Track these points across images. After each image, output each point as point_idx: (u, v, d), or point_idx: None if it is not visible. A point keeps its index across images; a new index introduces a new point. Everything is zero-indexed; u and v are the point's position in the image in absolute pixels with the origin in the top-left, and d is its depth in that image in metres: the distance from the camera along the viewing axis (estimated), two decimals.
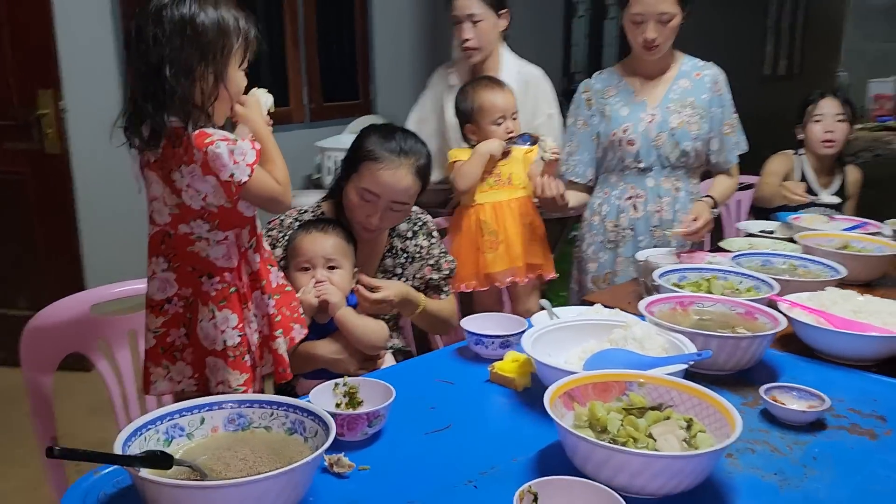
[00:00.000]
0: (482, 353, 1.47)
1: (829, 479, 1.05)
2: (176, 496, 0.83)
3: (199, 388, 1.57)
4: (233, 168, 1.39)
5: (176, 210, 1.47)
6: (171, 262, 1.51)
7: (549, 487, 0.92)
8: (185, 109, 1.40)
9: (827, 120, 2.66)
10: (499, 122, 2.31)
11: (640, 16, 2.09)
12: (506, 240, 2.42)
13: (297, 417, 1.04)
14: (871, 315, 1.50)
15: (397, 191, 1.69)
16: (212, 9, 1.39)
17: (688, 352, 1.27)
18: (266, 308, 1.58)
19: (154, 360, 1.55)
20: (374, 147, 1.69)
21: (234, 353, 1.52)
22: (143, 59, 1.39)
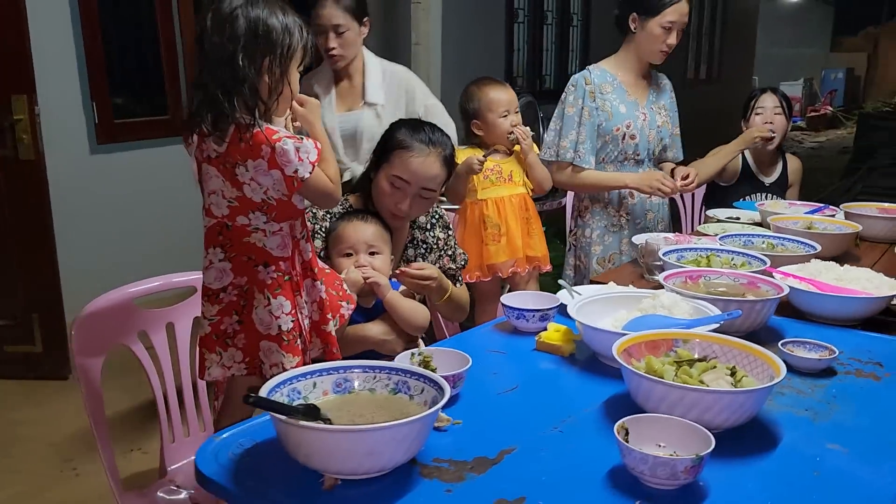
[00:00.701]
0: (521, 327, 1.61)
1: (851, 411, 1.24)
2: (332, 439, 0.94)
3: (249, 371, 1.66)
4: (297, 164, 1.50)
5: (235, 203, 1.56)
6: (227, 253, 1.59)
7: (638, 423, 1.07)
8: (253, 100, 1.49)
9: (766, 113, 2.96)
10: (504, 114, 2.50)
11: (672, 24, 2.33)
12: (507, 233, 2.60)
13: (401, 378, 1.15)
14: (853, 282, 1.72)
15: (427, 177, 1.81)
16: (280, 13, 1.52)
17: (711, 315, 1.45)
18: (317, 294, 1.67)
19: (209, 347, 1.62)
20: (404, 137, 1.82)
21: (288, 337, 1.61)
22: (217, 51, 1.48)
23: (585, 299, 1.55)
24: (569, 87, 2.49)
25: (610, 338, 1.32)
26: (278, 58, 1.49)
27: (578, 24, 7.84)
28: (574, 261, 2.57)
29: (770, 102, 2.98)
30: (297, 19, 1.52)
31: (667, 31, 2.34)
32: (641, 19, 2.37)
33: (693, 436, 1.04)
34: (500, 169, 2.59)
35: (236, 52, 1.46)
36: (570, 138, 2.45)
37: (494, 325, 1.66)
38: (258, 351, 1.63)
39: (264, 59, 1.49)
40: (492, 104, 2.53)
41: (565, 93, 2.50)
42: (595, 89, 2.45)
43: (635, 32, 2.41)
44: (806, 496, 1.00)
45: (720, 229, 2.41)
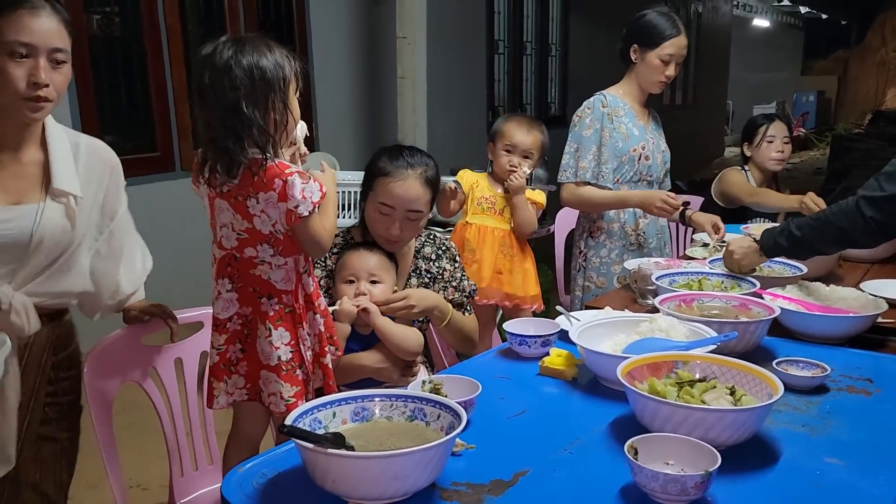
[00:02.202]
0: (524, 353, 1.65)
1: (846, 426, 1.30)
2: (361, 465, 0.98)
3: (250, 397, 1.70)
4: (299, 201, 1.56)
5: (244, 235, 1.61)
6: (234, 283, 1.64)
7: (646, 443, 1.12)
8: (263, 139, 1.57)
9: (777, 141, 3.07)
10: (507, 149, 2.57)
11: (671, 56, 2.44)
12: (479, 261, 2.65)
13: (417, 406, 1.19)
14: (839, 301, 1.80)
15: (409, 200, 1.85)
16: (268, 52, 1.60)
17: (708, 337, 1.51)
18: (318, 327, 1.72)
19: (217, 376, 1.66)
20: (384, 164, 1.88)
21: (287, 367, 1.66)
22: (220, 104, 1.55)
23: (585, 324, 1.60)
24: (583, 110, 2.55)
25: (612, 361, 1.37)
26: (278, 94, 1.58)
27: (557, 53, 8.01)
28: (583, 282, 2.61)
29: (781, 132, 3.12)
30: (283, 51, 1.61)
31: (665, 64, 2.45)
32: (642, 51, 2.47)
33: (699, 453, 1.09)
34: (494, 200, 2.66)
35: (239, 100, 1.54)
36: (588, 159, 2.51)
37: (498, 352, 1.71)
38: (259, 379, 1.68)
39: (267, 99, 1.57)
40: (503, 136, 2.60)
41: (579, 116, 2.56)
42: (611, 112, 2.53)
43: (636, 63, 2.51)
44: None
45: (707, 253, 2.48)
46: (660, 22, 2.46)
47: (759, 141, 3.11)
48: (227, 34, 1.62)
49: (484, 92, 6.89)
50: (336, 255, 1.90)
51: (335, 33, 5.31)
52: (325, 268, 1.89)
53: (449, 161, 4.19)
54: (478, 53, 6.76)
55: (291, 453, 1.15)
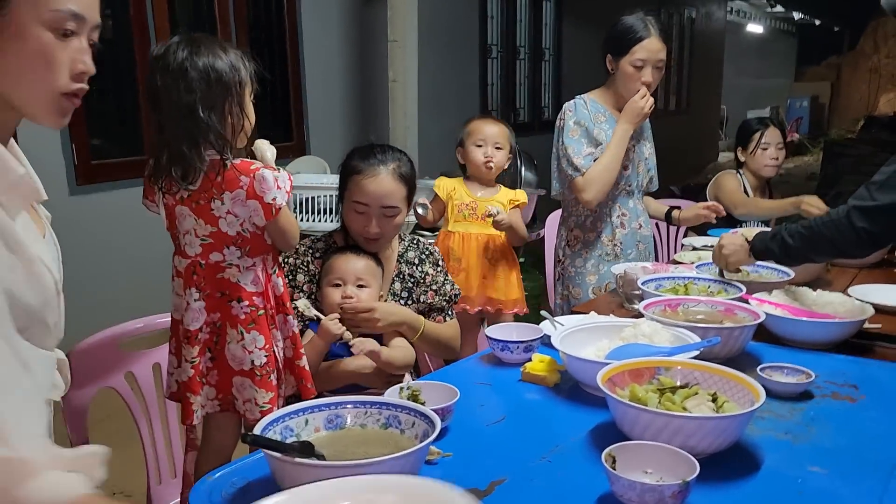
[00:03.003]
0: (506, 359, 1.63)
1: (829, 433, 1.27)
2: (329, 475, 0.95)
3: (222, 408, 1.67)
4: (276, 192, 1.55)
5: (209, 240, 1.59)
6: (201, 292, 1.62)
7: (625, 451, 1.09)
8: (220, 143, 1.55)
9: (771, 148, 3.07)
10: (479, 144, 2.56)
11: (643, 62, 2.32)
12: (466, 269, 2.63)
13: (391, 413, 1.17)
14: (825, 307, 1.78)
15: (382, 195, 1.83)
16: (222, 52, 1.58)
17: (691, 343, 1.49)
18: (290, 329, 1.70)
19: (193, 390, 1.63)
20: (356, 163, 1.86)
21: (262, 371, 1.64)
22: (175, 107, 1.53)
23: (568, 329, 1.58)
24: (565, 113, 2.45)
25: (593, 367, 1.35)
26: (234, 97, 1.56)
27: (550, 58, 8.01)
28: (563, 290, 2.57)
29: (775, 138, 3.11)
30: (237, 53, 1.59)
31: (638, 70, 2.34)
32: (615, 60, 2.39)
33: (678, 462, 1.07)
34: (475, 206, 2.64)
35: (195, 103, 1.51)
36: (584, 154, 2.38)
37: (479, 357, 1.68)
38: (231, 387, 1.65)
39: (223, 102, 1.54)
40: (471, 134, 2.61)
41: (562, 120, 2.45)
42: (593, 117, 2.43)
43: (613, 73, 2.43)
44: None
45: (696, 257, 2.47)
46: (629, 26, 2.34)
47: (753, 148, 3.10)
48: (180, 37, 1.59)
49: (477, 96, 6.88)
50: (319, 259, 1.87)
51: (326, 36, 5.30)
52: (307, 272, 1.86)
53: (440, 165, 4.18)
54: (470, 57, 6.76)
55: (262, 462, 1.13)
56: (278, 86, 5.21)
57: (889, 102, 14.10)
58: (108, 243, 3.84)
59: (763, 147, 3.09)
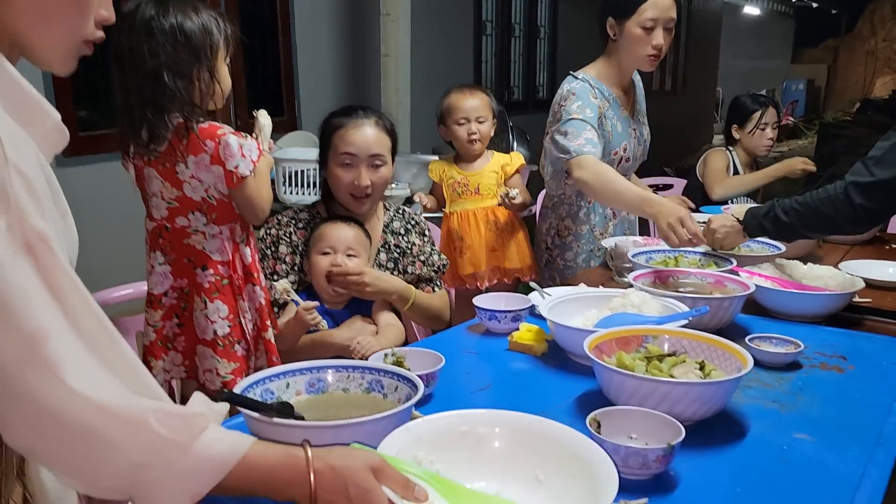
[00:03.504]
0: (494, 328, 1.61)
1: (817, 402, 1.26)
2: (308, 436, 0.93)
3: (188, 375, 1.66)
4: (239, 160, 1.52)
5: (175, 203, 1.57)
6: (167, 256, 1.59)
7: (610, 416, 1.08)
8: (187, 109, 1.50)
9: (769, 128, 3.06)
10: (461, 122, 2.51)
11: (654, 21, 2.05)
12: (471, 246, 2.61)
13: (374, 377, 1.15)
14: (815, 280, 1.76)
15: (369, 143, 1.81)
16: (194, 14, 1.51)
17: (680, 312, 1.47)
18: (259, 300, 1.67)
19: (154, 354, 1.62)
20: (338, 119, 1.84)
21: (224, 342, 1.62)
22: (140, 71, 1.48)
23: (557, 299, 1.56)
24: (566, 96, 2.16)
25: (581, 335, 1.33)
26: (204, 62, 1.50)
27: (546, 36, 7.94)
28: (549, 275, 2.43)
29: (773, 118, 3.11)
30: (211, 14, 1.53)
31: (648, 31, 2.06)
32: (619, 24, 2.12)
33: (664, 427, 1.05)
34: (466, 181, 2.61)
35: (160, 69, 1.45)
36: (585, 136, 2.09)
37: (467, 327, 1.67)
38: (195, 355, 1.63)
39: (191, 69, 1.48)
40: (451, 110, 2.55)
41: (561, 104, 2.17)
42: (601, 105, 2.17)
43: (616, 40, 2.15)
44: (774, 483, 1.01)
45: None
46: None
47: (753, 127, 3.09)
48: None
49: (471, 73, 6.81)
50: (302, 230, 1.85)
51: (318, 9, 5.23)
52: (290, 243, 1.84)
53: (432, 141, 4.14)
54: (464, 34, 6.68)
55: (241, 427, 1.11)
56: (269, 60, 5.14)
57: (885, 85, 14.07)
58: (96, 216, 3.80)
59: (762, 127, 3.09)
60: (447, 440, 0.96)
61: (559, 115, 2.18)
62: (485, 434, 0.98)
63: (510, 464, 0.96)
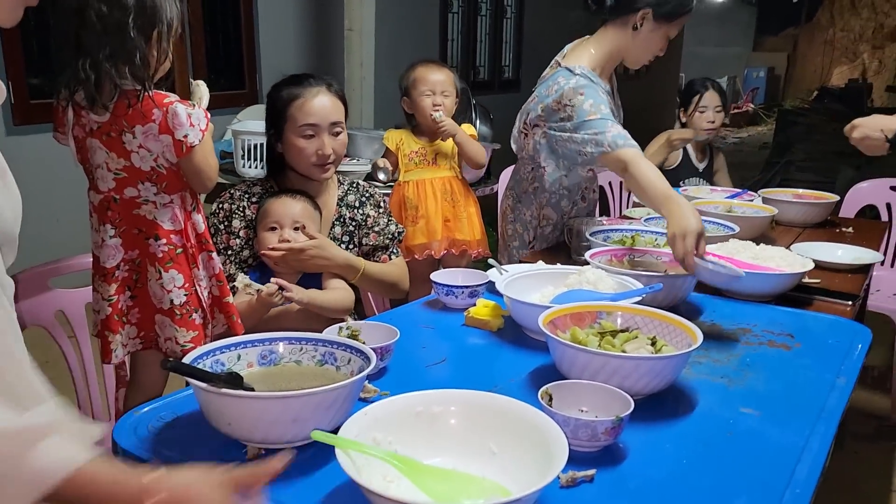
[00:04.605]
0: (451, 304, 1.61)
1: (763, 378, 1.29)
2: (258, 407, 0.93)
3: (144, 346, 1.64)
4: (188, 129, 1.50)
5: (123, 174, 1.54)
6: (117, 228, 1.57)
7: (561, 389, 1.09)
8: (142, 71, 1.50)
9: (709, 111, 3.07)
10: (427, 94, 2.51)
11: (674, 33, 2.08)
12: (426, 215, 2.61)
13: (328, 350, 1.14)
14: (768, 260, 1.80)
15: (328, 111, 1.80)
16: None
17: (634, 289, 1.49)
18: (214, 267, 1.66)
19: (112, 329, 1.59)
20: (289, 91, 1.80)
21: (181, 311, 1.61)
22: (104, 22, 1.46)
23: (514, 275, 1.57)
24: (572, 95, 2.00)
25: (537, 311, 1.34)
26: (164, 30, 1.51)
27: (512, 16, 7.91)
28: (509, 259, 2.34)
29: (713, 101, 3.11)
30: None
31: (666, 41, 2.08)
32: (656, 21, 2.02)
33: (614, 400, 1.07)
34: (424, 152, 2.61)
35: (126, 23, 1.45)
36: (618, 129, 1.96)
37: (424, 302, 1.67)
38: (153, 324, 1.62)
39: (153, 31, 1.50)
40: (417, 82, 2.55)
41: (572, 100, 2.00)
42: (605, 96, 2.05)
43: (639, 30, 2.03)
44: (720, 455, 1.04)
45: (646, 213, 2.47)
46: None
47: (692, 110, 3.11)
48: None
49: (436, 50, 6.76)
50: (255, 204, 1.82)
51: None
52: (243, 217, 1.81)
53: (396, 117, 4.10)
54: (431, 10, 6.62)
55: (192, 398, 1.10)
56: (231, 32, 5.04)
57: (841, 74, 14.37)
58: (47, 184, 3.70)
59: (700, 110, 3.10)
60: (403, 420, 0.97)
61: (569, 115, 2.01)
62: (440, 413, 0.99)
63: (465, 439, 0.97)
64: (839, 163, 6.82)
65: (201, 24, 4.74)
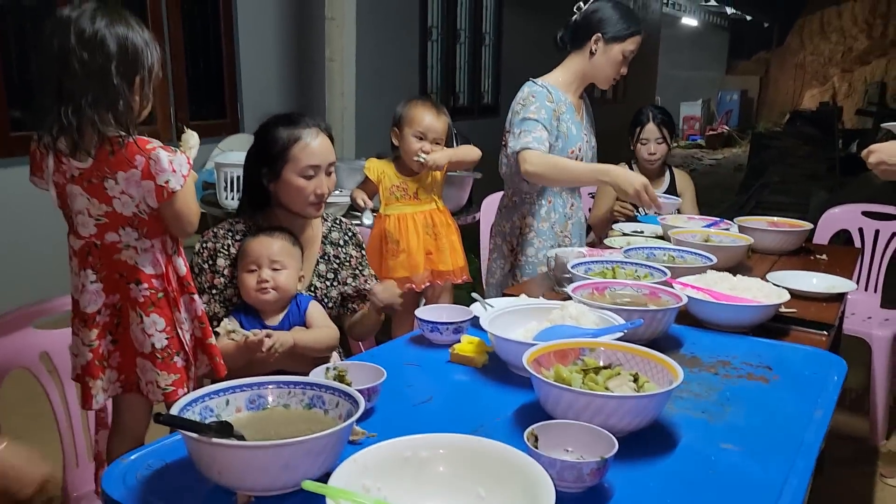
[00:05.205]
0: (436, 340, 1.63)
1: (743, 412, 1.32)
2: (248, 455, 0.93)
3: (124, 390, 1.64)
4: (170, 175, 1.52)
5: (104, 219, 1.55)
6: (98, 273, 1.57)
7: (547, 430, 1.11)
8: (126, 116, 1.52)
9: (650, 143, 3.13)
10: (418, 135, 2.52)
11: (631, 52, 2.41)
12: (407, 249, 2.62)
13: (316, 393, 1.15)
14: (745, 291, 1.83)
15: (327, 153, 1.85)
16: (138, 28, 1.56)
17: (616, 324, 1.52)
18: (197, 309, 1.66)
19: (93, 374, 1.59)
20: (289, 132, 1.81)
21: (163, 354, 1.61)
22: (87, 70, 1.48)
23: (497, 311, 1.59)
24: (526, 98, 2.35)
25: (520, 348, 1.36)
26: (147, 76, 1.53)
27: (490, 43, 8.02)
28: (513, 280, 2.47)
29: (653, 134, 3.14)
30: (151, 35, 1.57)
31: (624, 60, 2.40)
32: (606, 42, 2.37)
33: (598, 440, 1.09)
34: (405, 187, 2.63)
35: (109, 69, 1.47)
36: (534, 134, 2.28)
37: (409, 339, 1.68)
38: (135, 368, 1.63)
39: (135, 76, 1.52)
40: (412, 120, 2.55)
41: (522, 104, 2.35)
42: (557, 109, 2.37)
43: (594, 54, 2.39)
44: (703, 494, 1.06)
45: (625, 242, 2.51)
46: (628, 15, 2.39)
47: (634, 142, 3.17)
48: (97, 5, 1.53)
49: (416, 78, 6.84)
50: (240, 241, 1.83)
51: (262, 12, 5.17)
52: (228, 256, 1.82)
53: (378, 147, 4.14)
54: (410, 39, 6.71)
55: (180, 443, 1.10)
56: (212, 62, 5.06)
57: (813, 97, 14.66)
58: (27, 218, 3.68)
59: (642, 142, 3.15)
60: (392, 466, 0.98)
61: (518, 114, 2.35)
62: (428, 457, 1.00)
63: (453, 484, 0.99)
64: (812, 185, 6.97)
65: (183, 54, 4.76)
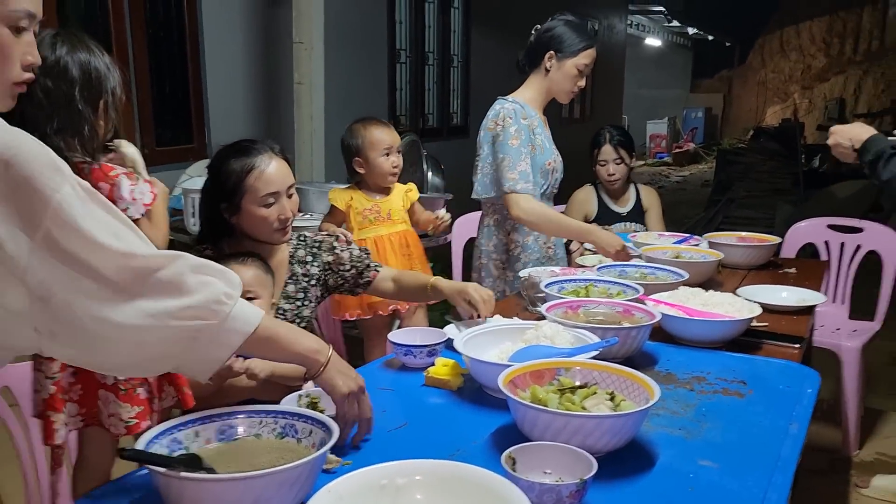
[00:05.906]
0: (410, 363, 1.61)
1: (719, 428, 1.32)
2: (217, 489, 0.91)
3: (86, 423, 1.60)
4: (129, 202, 1.50)
5: None
6: None
7: (524, 452, 1.09)
8: (91, 142, 1.50)
9: (609, 164, 3.15)
10: (385, 153, 2.53)
11: (585, 66, 2.43)
12: None
13: (288, 422, 1.13)
14: (717, 306, 1.85)
15: (284, 176, 1.79)
16: (99, 53, 1.56)
17: (590, 343, 1.51)
18: None
19: (55, 407, 1.56)
20: (242, 162, 1.73)
21: (125, 386, 1.58)
22: (50, 97, 1.46)
23: (471, 333, 1.57)
24: (503, 118, 2.39)
25: (495, 370, 1.35)
26: (111, 99, 1.53)
27: (459, 64, 8.07)
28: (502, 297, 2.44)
29: (611, 155, 3.16)
30: (109, 58, 1.57)
31: (580, 74, 2.43)
32: (559, 59, 2.42)
33: (577, 461, 1.08)
34: (378, 208, 2.62)
35: (73, 96, 1.47)
36: (519, 169, 2.35)
37: (383, 363, 1.66)
38: (97, 400, 1.59)
39: (99, 101, 1.51)
40: (374, 143, 2.56)
41: (499, 125, 2.39)
42: (530, 123, 2.43)
43: (550, 71, 2.44)
44: None
45: (597, 260, 2.52)
46: (579, 31, 2.43)
47: (594, 163, 3.20)
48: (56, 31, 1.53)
49: (385, 101, 6.85)
50: None
51: (229, 36, 5.15)
52: None
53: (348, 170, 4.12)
54: (379, 61, 6.72)
55: (148, 478, 1.06)
56: (178, 87, 5.02)
57: (775, 114, 14.99)
58: None
59: (601, 163, 3.17)
60: (368, 495, 0.95)
61: (499, 136, 2.40)
62: (404, 484, 0.98)
63: None
64: (777, 199, 7.09)
65: (148, 80, 4.71)
